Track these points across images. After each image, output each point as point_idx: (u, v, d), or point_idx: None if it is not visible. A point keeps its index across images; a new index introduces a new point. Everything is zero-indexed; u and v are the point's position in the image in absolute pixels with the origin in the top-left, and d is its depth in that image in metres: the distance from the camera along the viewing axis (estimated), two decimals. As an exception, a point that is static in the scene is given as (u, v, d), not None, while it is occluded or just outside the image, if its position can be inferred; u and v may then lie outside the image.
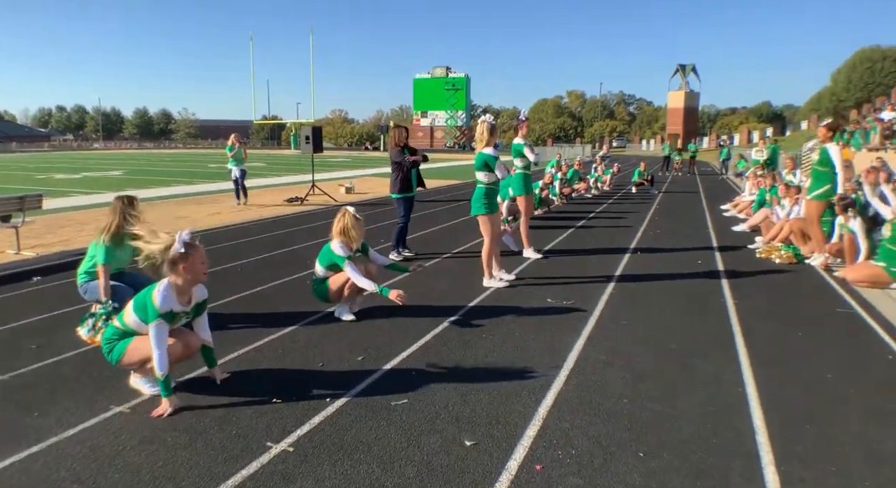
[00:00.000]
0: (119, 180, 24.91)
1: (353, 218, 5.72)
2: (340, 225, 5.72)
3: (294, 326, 5.54)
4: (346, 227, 5.69)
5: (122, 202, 5.59)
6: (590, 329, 5.43)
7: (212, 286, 7.18)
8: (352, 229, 5.68)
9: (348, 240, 5.69)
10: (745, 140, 64.04)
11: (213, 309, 6.17)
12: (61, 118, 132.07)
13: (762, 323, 5.64)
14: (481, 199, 6.94)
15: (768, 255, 8.66)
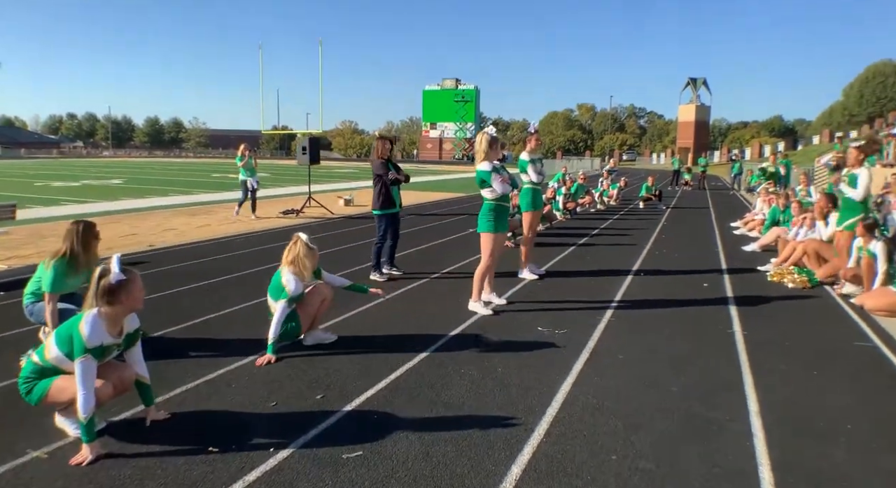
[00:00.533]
0: (117, 189, 24.58)
1: (306, 247, 5.23)
2: (291, 254, 5.24)
3: (251, 357, 5.02)
4: (297, 257, 5.20)
5: (77, 227, 5.14)
6: (581, 364, 4.88)
7: (178, 307, 6.88)
8: (304, 259, 5.19)
9: (299, 270, 5.19)
10: (756, 154, 63.36)
11: (174, 333, 5.71)
12: (72, 125, 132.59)
13: (774, 358, 5.08)
14: (485, 216, 6.39)
15: (780, 279, 8.09)
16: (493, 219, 6.36)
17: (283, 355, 5.07)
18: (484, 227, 6.42)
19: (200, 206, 17.88)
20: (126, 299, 3.62)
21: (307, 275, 5.23)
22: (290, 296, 5.07)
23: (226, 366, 4.83)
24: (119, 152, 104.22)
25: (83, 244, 5.08)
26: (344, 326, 5.87)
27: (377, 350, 5.21)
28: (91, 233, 5.20)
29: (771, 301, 7.06)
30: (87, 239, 5.13)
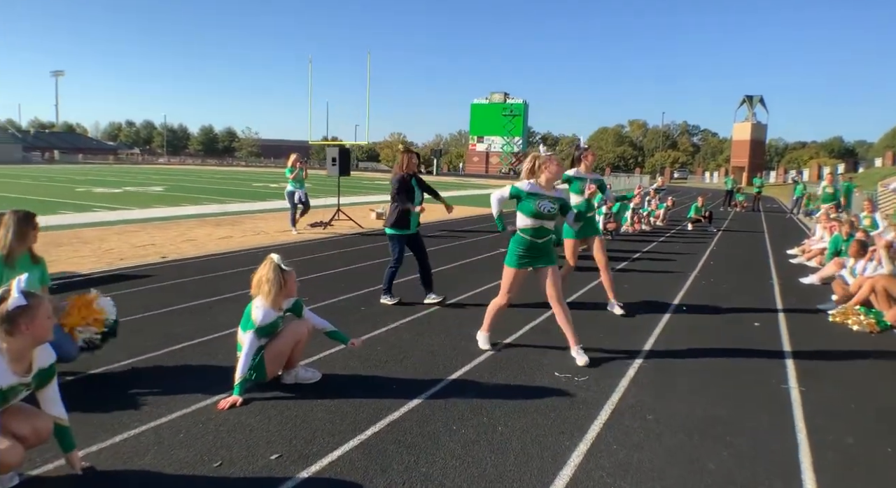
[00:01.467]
0: (154, 196, 24.52)
1: (277, 269, 4.49)
2: (258, 279, 4.53)
3: (217, 397, 4.32)
4: (260, 280, 4.49)
5: (14, 217, 4.50)
6: (600, 426, 4.04)
7: (161, 330, 5.99)
8: (269, 283, 4.45)
9: (271, 297, 4.46)
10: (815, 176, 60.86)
11: (144, 362, 5.07)
12: (130, 133, 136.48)
13: (838, 428, 4.14)
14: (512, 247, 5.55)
15: (844, 320, 7.06)
16: (516, 252, 5.48)
17: (253, 396, 4.38)
18: (507, 260, 5.59)
19: (229, 217, 17.48)
20: (28, 328, 2.97)
21: (280, 302, 4.52)
22: (256, 326, 4.37)
23: (184, 408, 4.16)
24: (173, 159, 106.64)
25: (18, 235, 4.44)
26: (330, 362, 5.14)
27: (362, 394, 4.46)
28: (29, 223, 4.55)
29: (833, 348, 6.06)
30: (23, 230, 4.48)
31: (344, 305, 7.11)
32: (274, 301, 4.44)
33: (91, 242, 11.79)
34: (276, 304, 4.47)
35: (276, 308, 4.49)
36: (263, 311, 4.40)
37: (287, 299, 4.60)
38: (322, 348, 5.42)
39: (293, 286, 4.55)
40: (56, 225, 14.43)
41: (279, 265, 4.47)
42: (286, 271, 4.49)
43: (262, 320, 4.38)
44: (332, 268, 9.56)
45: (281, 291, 4.44)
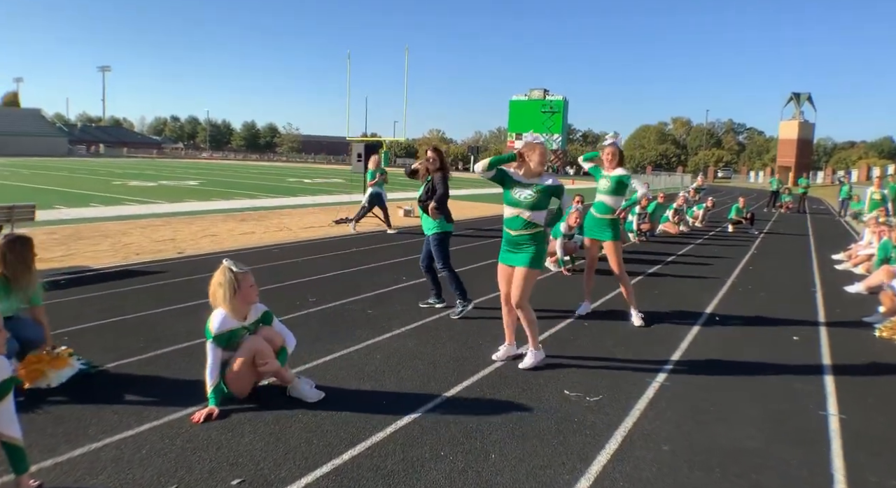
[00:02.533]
0: (187, 190, 24.61)
1: (228, 271, 4.11)
2: (212, 287, 4.17)
3: (192, 408, 3.99)
4: (214, 288, 4.13)
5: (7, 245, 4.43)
6: (608, 456, 3.58)
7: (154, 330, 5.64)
8: (221, 287, 4.09)
9: (226, 304, 4.09)
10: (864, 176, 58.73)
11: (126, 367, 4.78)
12: (175, 127, 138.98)
13: (881, 468, 3.60)
14: None
15: (892, 335, 6.43)
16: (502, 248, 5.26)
17: (232, 408, 4.04)
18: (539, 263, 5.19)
19: (257, 212, 17.33)
20: None
21: (241, 309, 4.16)
22: (212, 335, 4.03)
23: (154, 420, 3.84)
24: (216, 154, 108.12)
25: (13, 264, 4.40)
26: (320, 372, 4.77)
27: (348, 410, 4.07)
28: (25, 249, 4.50)
29: (879, 369, 5.47)
30: (19, 257, 4.43)
31: (350, 308, 6.75)
32: (231, 307, 4.07)
33: (112, 236, 11.70)
34: (236, 312, 4.10)
35: (239, 317, 4.13)
36: (220, 318, 4.05)
37: (252, 307, 4.24)
38: (312, 356, 5.07)
39: (250, 290, 4.16)
40: (82, 217, 14.45)
41: (230, 267, 4.11)
42: (240, 273, 4.12)
43: (218, 327, 4.03)
44: (348, 267, 9.22)
45: (236, 295, 4.07)
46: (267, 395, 4.27)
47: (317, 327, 5.96)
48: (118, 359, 4.93)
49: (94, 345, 5.21)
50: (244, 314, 4.18)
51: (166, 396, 4.24)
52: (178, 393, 4.27)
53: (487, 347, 5.49)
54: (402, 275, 8.65)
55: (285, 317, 6.22)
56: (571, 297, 7.61)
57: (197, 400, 4.12)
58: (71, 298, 6.88)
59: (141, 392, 4.34)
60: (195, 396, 4.17)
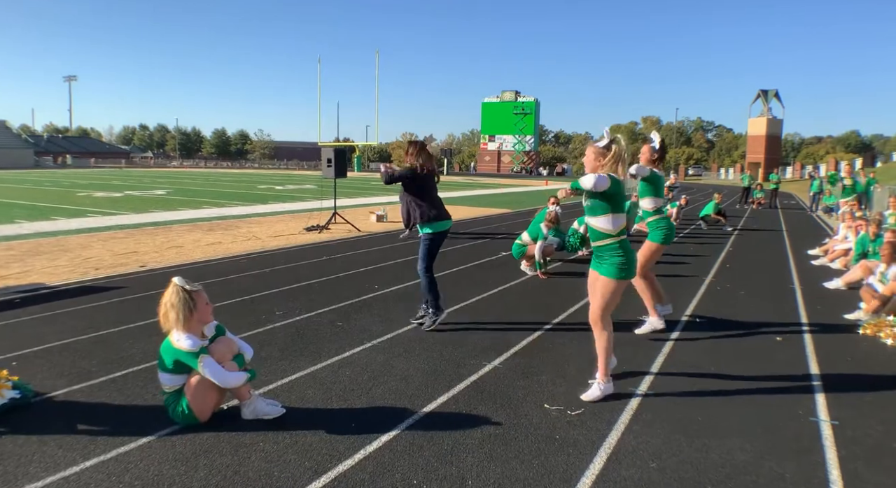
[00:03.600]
0: (153, 200, 24.00)
1: (181, 292, 3.83)
2: (163, 308, 3.87)
3: (141, 439, 3.68)
4: (166, 309, 3.83)
5: None
6: (592, 478, 3.33)
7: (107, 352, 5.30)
8: (176, 309, 3.80)
9: (181, 325, 3.81)
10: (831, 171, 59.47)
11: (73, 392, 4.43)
12: (144, 136, 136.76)
13: (882, 478, 3.41)
14: None
15: (875, 333, 6.30)
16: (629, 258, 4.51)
17: (189, 436, 3.74)
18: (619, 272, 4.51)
19: (225, 221, 16.88)
20: None
21: (197, 328, 3.88)
22: (196, 351, 3.75)
23: (100, 455, 3.55)
24: (186, 162, 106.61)
25: None
26: (285, 392, 4.47)
27: (314, 435, 3.79)
28: None
29: (867, 368, 5.32)
30: None
31: (319, 321, 6.44)
32: (188, 329, 3.79)
33: (72, 250, 11.24)
34: (194, 331, 3.82)
35: (198, 335, 3.85)
36: (191, 339, 3.75)
37: (205, 326, 3.95)
38: (277, 375, 4.78)
39: (205, 309, 3.88)
40: (43, 231, 13.92)
41: (183, 287, 3.81)
42: (193, 291, 3.83)
43: (193, 343, 3.74)
44: (318, 276, 8.91)
45: (192, 315, 3.78)
46: (229, 421, 3.97)
47: (283, 342, 5.65)
48: (70, 385, 4.60)
49: (44, 369, 4.88)
50: (201, 333, 3.89)
51: (117, 425, 3.93)
52: (131, 422, 3.96)
53: (464, 358, 5.24)
54: (374, 283, 8.36)
55: (250, 332, 5.93)
56: (549, 302, 7.40)
57: (150, 428, 3.83)
58: (24, 318, 6.51)
59: (91, 421, 4.02)
60: (148, 425, 3.88)
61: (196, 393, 3.78)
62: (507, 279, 8.92)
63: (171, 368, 3.81)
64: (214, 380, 3.71)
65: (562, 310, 7.03)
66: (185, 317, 3.77)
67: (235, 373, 3.81)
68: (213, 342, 3.94)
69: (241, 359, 3.96)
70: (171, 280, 3.91)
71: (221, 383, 3.73)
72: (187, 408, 3.81)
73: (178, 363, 3.77)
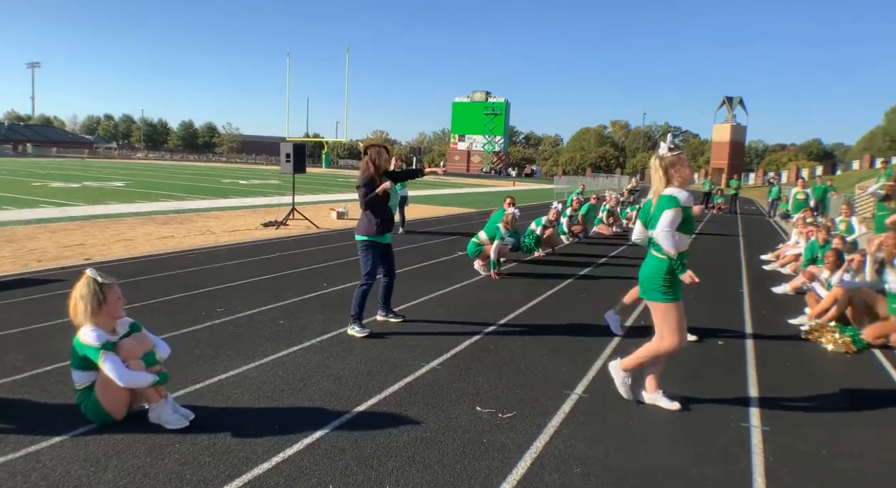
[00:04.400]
0: (110, 192, 23.47)
1: (92, 284, 3.69)
2: (73, 300, 3.72)
3: (54, 438, 3.53)
4: (76, 302, 3.69)
5: None
6: (514, 482, 3.26)
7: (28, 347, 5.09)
8: (86, 301, 3.65)
9: (90, 318, 3.67)
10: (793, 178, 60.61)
11: None
12: (108, 126, 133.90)
13: (800, 484, 3.40)
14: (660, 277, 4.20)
15: (817, 338, 6.37)
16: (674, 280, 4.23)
17: (103, 436, 3.60)
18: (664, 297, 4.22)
19: (181, 214, 16.56)
20: None
21: (108, 323, 3.74)
22: (99, 346, 3.59)
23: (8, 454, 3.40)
24: (151, 155, 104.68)
25: None
26: (213, 390, 4.33)
27: (234, 436, 3.66)
28: None
29: (804, 374, 5.36)
30: None
31: (261, 318, 6.29)
32: (96, 323, 3.65)
33: (18, 241, 10.91)
34: (103, 325, 3.68)
35: (107, 330, 3.70)
36: (94, 331, 3.61)
37: (118, 322, 3.80)
38: (206, 375, 4.63)
39: (116, 303, 3.74)
40: None
41: (95, 279, 3.67)
42: (105, 285, 3.69)
43: (98, 337, 3.60)
44: (268, 272, 8.74)
45: (101, 308, 3.64)
46: (148, 420, 3.82)
47: (218, 341, 5.50)
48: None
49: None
50: (111, 329, 3.74)
51: (32, 423, 3.77)
52: (47, 420, 3.80)
53: (402, 359, 5.15)
54: (323, 281, 8.23)
55: (186, 329, 5.77)
56: (498, 303, 7.35)
57: (65, 427, 3.69)
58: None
59: (6, 418, 3.84)
60: (64, 424, 3.74)
61: (106, 390, 3.63)
62: (459, 278, 8.85)
63: (80, 364, 3.66)
64: (113, 378, 3.56)
65: (510, 312, 6.98)
66: (94, 310, 3.62)
67: (138, 373, 3.65)
68: (124, 338, 3.78)
69: (151, 358, 3.81)
70: (85, 271, 3.75)
71: (121, 382, 3.57)
72: (99, 406, 3.66)
73: (85, 359, 3.62)
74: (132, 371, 3.66)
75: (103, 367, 3.61)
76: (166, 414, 3.78)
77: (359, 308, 5.86)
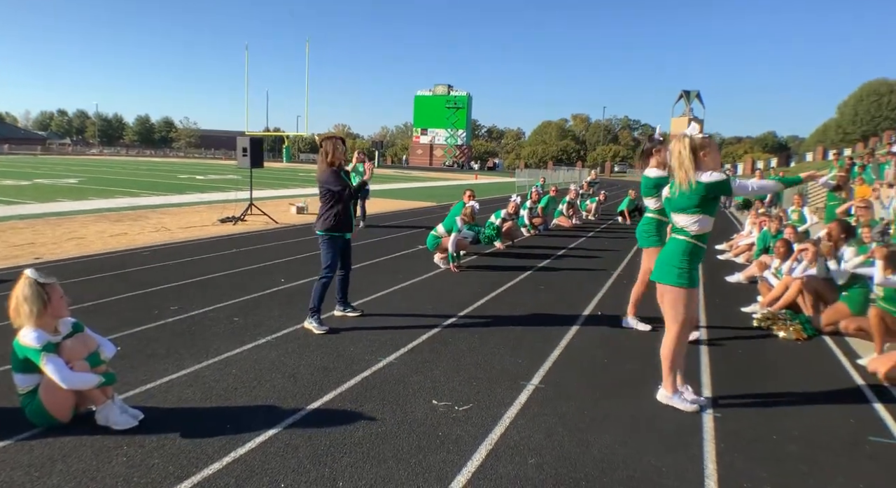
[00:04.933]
0: (63, 189, 22.82)
1: (34, 285, 3.59)
2: (14, 302, 3.62)
3: (5, 443, 3.43)
4: (17, 303, 3.58)
5: None
6: (467, 476, 3.26)
7: None
8: (29, 303, 3.56)
9: (33, 320, 3.57)
10: (748, 170, 62.01)
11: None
12: (62, 122, 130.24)
13: (754, 471, 3.47)
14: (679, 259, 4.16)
15: (769, 326, 6.51)
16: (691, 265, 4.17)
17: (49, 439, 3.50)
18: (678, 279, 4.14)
19: (136, 211, 16.19)
20: None
21: (50, 324, 3.64)
22: (40, 347, 3.50)
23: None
24: (106, 151, 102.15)
25: None
26: (164, 390, 4.24)
27: (185, 436, 3.59)
28: None
29: (755, 361, 5.47)
30: None
31: (215, 316, 6.18)
32: (41, 324, 3.55)
33: (-40, 241, 10.53)
34: (46, 326, 3.58)
35: (50, 331, 3.60)
36: (36, 333, 3.51)
37: (61, 322, 3.71)
38: (156, 375, 4.53)
39: (60, 303, 3.65)
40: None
41: (36, 280, 3.57)
42: (47, 284, 3.59)
43: (38, 338, 3.50)
44: (224, 269, 8.59)
45: (46, 309, 3.55)
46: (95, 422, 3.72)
47: (171, 339, 5.38)
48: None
49: None
50: (53, 330, 3.63)
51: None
52: None
53: (359, 354, 5.12)
54: (281, 277, 8.12)
55: (137, 329, 5.65)
56: (457, 296, 7.35)
57: (9, 432, 3.61)
58: None
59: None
60: (8, 428, 3.66)
61: (50, 393, 3.53)
62: (419, 272, 8.83)
63: (22, 367, 3.55)
64: (56, 380, 3.47)
65: (469, 304, 6.98)
66: (39, 311, 3.52)
67: (81, 375, 3.56)
68: (67, 338, 3.68)
69: (95, 359, 3.71)
70: (24, 272, 3.64)
71: (64, 384, 3.48)
72: (43, 409, 3.56)
73: (26, 361, 3.52)
74: (76, 372, 3.57)
75: (45, 369, 3.51)
76: (114, 416, 3.69)
77: (318, 301, 5.84)
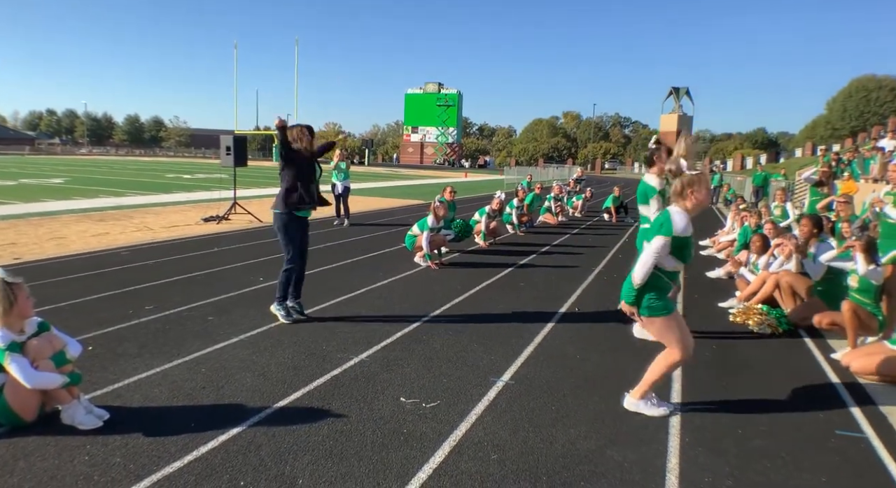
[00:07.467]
0: (48, 189, 22.69)
1: (3, 286, 3.58)
2: None
3: (-49, 449, 3.39)
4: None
5: None
6: (428, 473, 3.26)
7: None
8: None
9: (5, 320, 3.57)
10: (738, 166, 62.26)
11: None
12: (51, 122, 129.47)
13: (717, 466, 3.48)
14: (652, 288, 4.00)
15: (744, 320, 6.53)
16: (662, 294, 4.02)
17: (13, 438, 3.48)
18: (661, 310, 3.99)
19: (120, 210, 16.11)
20: None
21: (16, 323, 3.63)
22: (4, 347, 3.49)
23: None
24: (96, 150, 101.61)
25: None
26: (131, 390, 4.22)
27: (151, 433, 3.57)
28: None
29: (727, 355, 5.49)
30: None
31: (190, 315, 6.16)
32: (6, 323, 3.54)
33: (-60, 242, 10.45)
34: (12, 326, 3.57)
35: (15, 331, 3.59)
36: (1, 332, 3.50)
37: (26, 321, 3.70)
38: (125, 374, 4.51)
39: (26, 302, 3.64)
40: None
41: (3, 279, 3.55)
42: (14, 284, 3.58)
43: (2, 340, 3.49)
44: (203, 268, 8.56)
45: (12, 309, 3.54)
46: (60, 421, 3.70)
47: (144, 338, 5.36)
48: None
49: None
50: (18, 330, 3.62)
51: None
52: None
53: (331, 352, 5.11)
54: (259, 275, 8.10)
55: (112, 328, 5.63)
56: (433, 294, 7.35)
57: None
58: None
59: None
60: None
61: (15, 392, 3.52)
62: (400, 270, 8.82)
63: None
64: (20, 380, 3.46)
65: (445, 302, 6.98)
66: (5, 311, 3.52)
67: (46, 374, 3.55)
68: (32, 338, 3.66)
69: (61, 358, 3.69)
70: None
71: (29, 383, 3.47)
72: (8, 408, 3.54)
73: (-8, 362, 3.50)
74: (40, 372, 3.56)
75: (9, 369, 3.50)
76: (79, 415, 3.67)
77: (283, 291, 5.98)
